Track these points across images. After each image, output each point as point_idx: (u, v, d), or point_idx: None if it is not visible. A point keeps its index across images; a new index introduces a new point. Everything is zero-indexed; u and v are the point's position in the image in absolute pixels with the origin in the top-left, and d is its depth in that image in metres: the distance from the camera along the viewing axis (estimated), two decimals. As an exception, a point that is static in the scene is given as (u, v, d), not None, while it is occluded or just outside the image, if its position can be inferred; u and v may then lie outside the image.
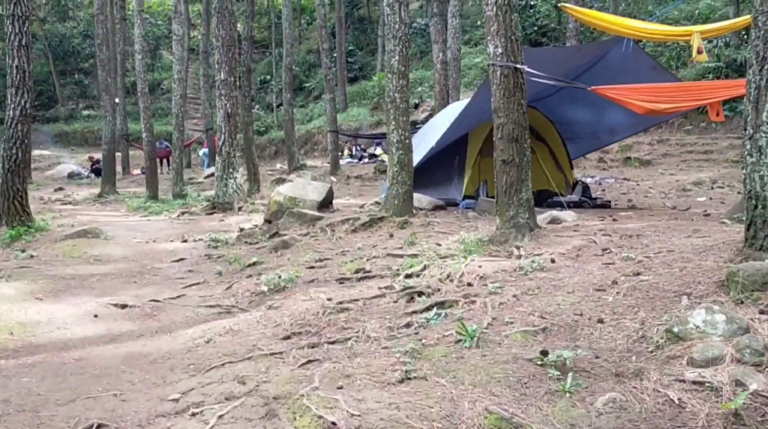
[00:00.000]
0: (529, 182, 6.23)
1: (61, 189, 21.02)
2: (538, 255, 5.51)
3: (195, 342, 4.31)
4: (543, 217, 6.64)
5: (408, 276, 5.23)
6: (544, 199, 9.77)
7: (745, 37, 17.85)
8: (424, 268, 5.38)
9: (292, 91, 21.89)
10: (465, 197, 9.17)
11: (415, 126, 23.80)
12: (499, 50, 6.12)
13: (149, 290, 5.93)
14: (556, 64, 7.25)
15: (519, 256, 5.55)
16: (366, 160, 21.90)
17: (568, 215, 6.81)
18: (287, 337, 4.15)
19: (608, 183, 13.28)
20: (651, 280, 4.22)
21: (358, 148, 22.81)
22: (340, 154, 21.24)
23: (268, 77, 33.87)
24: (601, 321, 3.71)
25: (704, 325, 3.29)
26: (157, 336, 4.61)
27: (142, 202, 14.53)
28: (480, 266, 5.19)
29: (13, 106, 8.43)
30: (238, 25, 25.77)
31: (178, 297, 5.64)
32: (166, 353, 4.14)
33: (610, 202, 9.38)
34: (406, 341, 3.72)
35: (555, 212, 6.80)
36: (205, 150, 26.32)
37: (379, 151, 21.38)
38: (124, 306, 5.34)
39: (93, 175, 24.88)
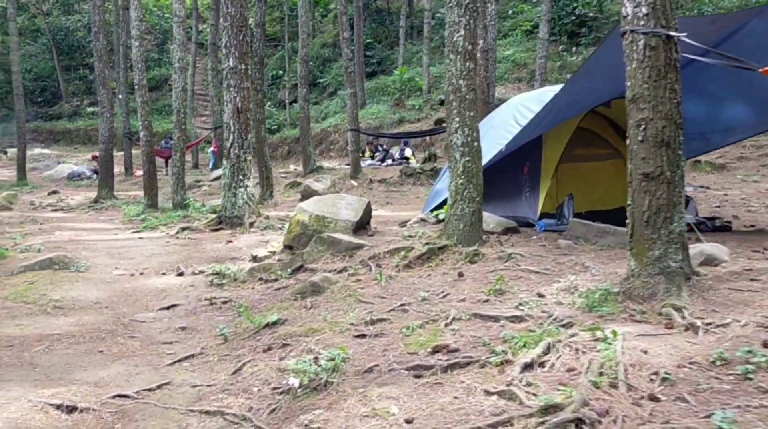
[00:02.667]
0: (683, 207, 4.21)
1: (55, 192, 19.21)
2: (722, 326, 3.49)
3: None
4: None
5: (527, 366, 3.22)
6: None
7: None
8: (548, 349, 3.37)
9: (308, 86, 19.89)
10: (542, 216, 7.14)
11: (442, 123, 21.88)
12: (643, 10, 4.09)
13: (118, 370, 3.94)
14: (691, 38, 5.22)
15: (690, 327, 3.53)
16: (389, 161, 19.88)
17: (720, 251, 4.77)
18: None
19: (687, 191, 11.18)
20: None
21: (380, 148, 20.78)
22: (360, 155, 19.25)
23: (281, 72, 31.92)
24: None
25: None
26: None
27: (139, 211, 12.61)
28: (645, 351, 3.19)
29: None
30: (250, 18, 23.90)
31: (159, 386, 3.65)
32: None
33: (730, 223, 7.32)
34: None
35: (706, 247, 4.75)
36: (214, 149, 24.44)
37: (408, 152, 19.35)
38: (71, 409, 3.35)
39: (95, 176, 23.07)
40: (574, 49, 22.78)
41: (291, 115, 28.74)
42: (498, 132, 7.63)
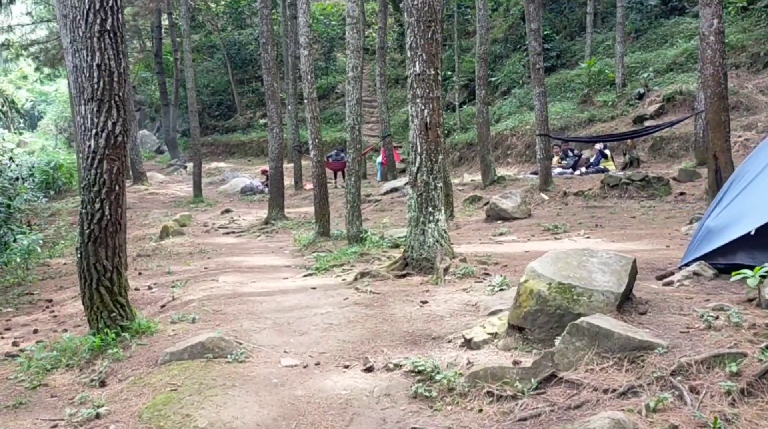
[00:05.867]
0: None
1: (228, 211, 18.80)
2: None
3: None
4: None
5: None
6: None
7: None
8: None
9: (486, 86, 17.74)
10: None
11: (642, 121, 18.74)
12: None
13: None
14: None
15: None
16: (583, 169, 17.19)
17: None
18: None
19: None
20: None
21: (571, 153, 18.11)
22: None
23: (449, 73, 30.04)
24: None
25: None
26: None
27: (310, 239, 11.28)
28: None
29: (95, 130, 5.13)
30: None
31: None
32: None
33: None
34: None
35: None
36: (382, 160, 23.08)
37: (608, 152, 16.62)
38: None
39: (267, 190, 22.73)
40: (806, 24, 18.58)
41: (461, 117, 26.79)
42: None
